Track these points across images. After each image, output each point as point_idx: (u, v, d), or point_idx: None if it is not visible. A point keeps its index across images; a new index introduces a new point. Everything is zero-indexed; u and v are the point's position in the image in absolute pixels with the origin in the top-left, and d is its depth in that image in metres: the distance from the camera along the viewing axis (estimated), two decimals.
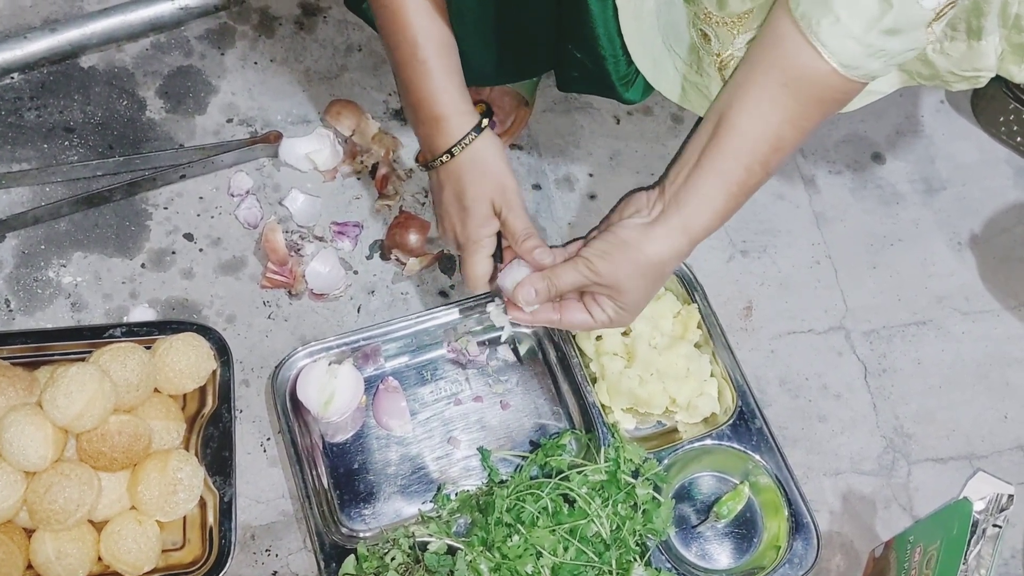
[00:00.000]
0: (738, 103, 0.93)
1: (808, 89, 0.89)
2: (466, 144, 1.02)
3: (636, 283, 1.01)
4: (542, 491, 1.08)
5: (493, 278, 1.10)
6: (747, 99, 0.92)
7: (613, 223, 1.03)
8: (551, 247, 1.08)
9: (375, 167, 1.35)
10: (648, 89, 1.10)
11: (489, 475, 1.16)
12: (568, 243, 1.10)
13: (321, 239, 1.31)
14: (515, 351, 1.25)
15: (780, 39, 0.88)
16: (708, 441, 1.18)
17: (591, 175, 1.41)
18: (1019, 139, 1.49)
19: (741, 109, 0.93)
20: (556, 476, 1.10)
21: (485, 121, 1.03)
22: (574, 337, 1.22)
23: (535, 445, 1.19)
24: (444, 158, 1.03)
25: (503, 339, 1.21)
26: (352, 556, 1.06)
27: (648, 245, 0.99)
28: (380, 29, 1.04)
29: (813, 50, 0.86)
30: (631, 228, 1.01)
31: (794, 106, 0.91)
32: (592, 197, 1.39)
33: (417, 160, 1.37)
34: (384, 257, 1.31)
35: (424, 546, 1.06)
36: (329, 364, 1.17)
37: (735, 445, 1.18)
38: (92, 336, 1.15)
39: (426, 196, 1.35)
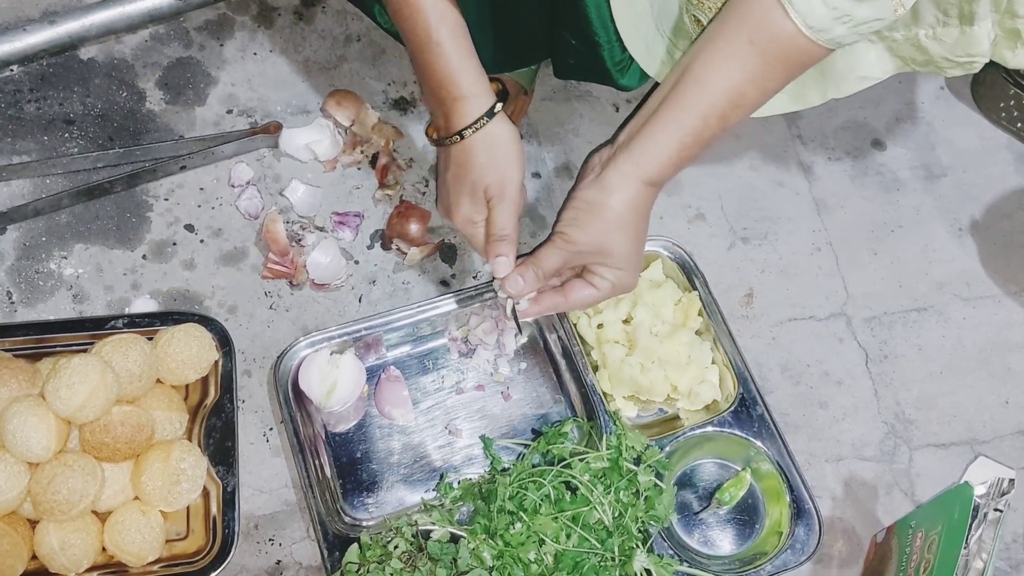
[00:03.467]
0: (704, 56, 0.93)
1: (774, 48, 0.89)
2: (478, 128, 1.02)
3: (617, 237, 1.01)
4: (544, 479, 1.08)
5: None
6: (713, 53, 0.93)
7: (574, 189, 1.03)
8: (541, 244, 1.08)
9: (375, 157, 1.35)
10: (645, 76, 1.10)
11: (491, 463, 1.16)
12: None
13: (322, 229, 1.31)
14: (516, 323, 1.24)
15: None
16: (710, 428, 1.19)
17: None
18: (1019, 125, 1.49)
19: (706, 62, 0.93)
20: (558, 464, 1.11)
21: (499, 105, 1.03)
22: (575, 325, 1.22)
23: (537, 433, 1.20)
24: (455, 138, 1.03)
25: (518, 341, 1.23)
26: (355, 545, 1.07)
27: (609, 197, 0.99)
28: (394, 15, 1.04)
29: (781, 9, 0.86)
30: (588, 187, 1.01)
31: (758, 64, 0.91)
32: None
33: (427, 133, 1.37)
34: (385, 247, 1.31)
35: (427, 534, 1.07)
36: (331, 354, 1.17)
37: (737, 432, 1.18)
38: (94, 327, 1.16)
39: (426, 186, 1.35)
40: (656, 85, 1.02)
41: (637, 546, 1.06)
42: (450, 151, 1.05)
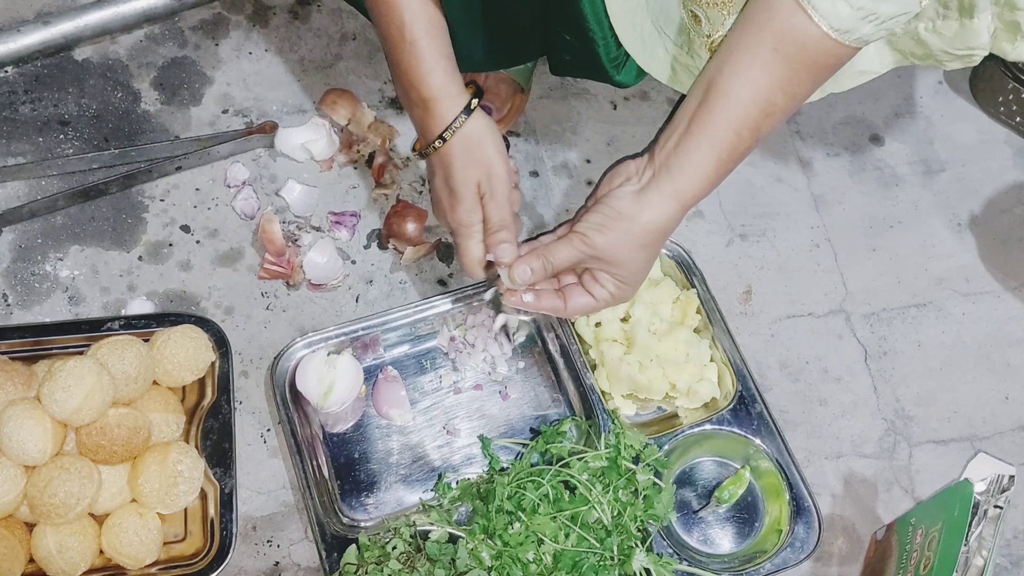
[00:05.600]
0: (728, 68, 0.92)
1: (799, 54, 0.88)
2: (456, 128, 1.01)
3: (634, 254, 1.01)
4: (543, 478, 1.08)
5: (489, 265, 1.09)
6: (738, 64, 0.92)
7: (603, 195, 1.02)
8: (544, 232, 1.07)
9: (371, 156, 1.35)
10: (641, 72, 1.09)
11: (490, 463, 1.16)
12: (557, 227, 1.09)
13: (318, 229, 1.30)
14: (507, 336, 1.23)
15: (771, 3, 0.87)
16: (708, 426, 1.18)
17: (588, 161, 1.40)
18: (1018, 119, 1.48)
19: (732, 74, 0.92)
20: (557, 463, 1.10)
21: (475, 102, 1.02)
22: (573, 324, 1.22)
23: (535, 432, 1.19)
24: (437, 143, 1.02)
25: (497, 325, 1.21)
26: (353, 546, 1.06)
27: (643, 213, 0.98)
28: (371, 11, 1.03)
29: (804, 13, 0.85)
30: (624, 198, 0.99)
31: (785, 71, 0.90)
32: (590, 183, 1.38)
33: (414, 149, 1.36)
34: (382, 246, 1.31)
35: (425, 535, 1.06)
36: (328, 354, 1.16)
37: (736, 430, 1.18)
38: (90, 329, 1.15)
39: (423, 184, 1.35)
40: (680, 97, 1.01)
41: (636, 545, 1.06)
42: (433, 157, 1.05)
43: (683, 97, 1.00)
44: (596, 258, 1.02)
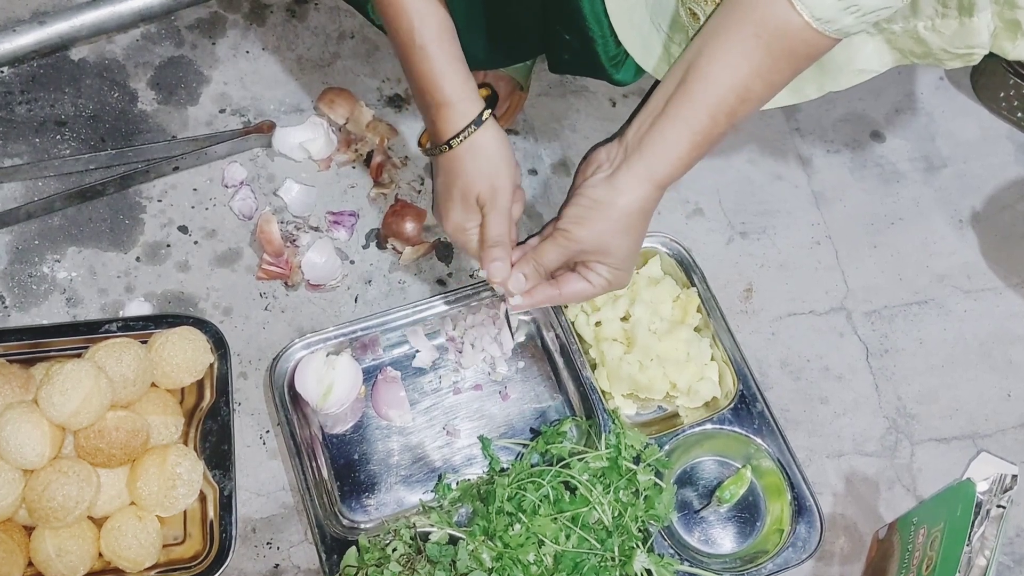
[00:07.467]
0: (708, 52, 0.92)
1: (780, 42, 0.88)
2: (464, 137, 1.01)
3: (620, 239, 1.00)
4: (543, 479, 1.07)
5: None
6: (718, 48, 0.91)
7: (578, 186, 1.02)
8: (533, 235, 1.07)
9: (370, 155, 1.34)
10: (640, 70, 1.09)
11: (490, 464, 1.15)
12: (544, 227, 1.08)
13: (317, 229, 1.30)
14: (508, 324, 1.23)
15: None
16: (709, 425, 1.18)
17: None
18: (1020, 115, 1.48)
19: (711, 58, 0.92)
20: (557, 464, 1.10)
21: (487, 112, 1.01)
22: (573, 323, 1.21)
23: (535, 433, 1.19)
24: (443, 148, 1.02)
25: (502, 311, 1.21)
26: (353, 548, 1.06)
27: (619, 198, 0.97)
28: (381, 15, 1.03)
29: (787, 1, 0.85)
30: (597, 185, 0.99)
31: (765, 58, 0.90)
32: None
33: (419, 143, 1.36)
34: (380, 246, 1.30)
35: (426, 536, 1.06)
36: (327, 355, 1.16)
37: (736, 429, 1.17)
38: (88, 332, 1.15)
39: (422, 184, 1.34)
40: (656, 82, 1.01)
41: (637, 546, 1.06)
42: (440, 159, 1.04)
43: (657, 83, 1.00)
44: (583, 251, 1.01)
